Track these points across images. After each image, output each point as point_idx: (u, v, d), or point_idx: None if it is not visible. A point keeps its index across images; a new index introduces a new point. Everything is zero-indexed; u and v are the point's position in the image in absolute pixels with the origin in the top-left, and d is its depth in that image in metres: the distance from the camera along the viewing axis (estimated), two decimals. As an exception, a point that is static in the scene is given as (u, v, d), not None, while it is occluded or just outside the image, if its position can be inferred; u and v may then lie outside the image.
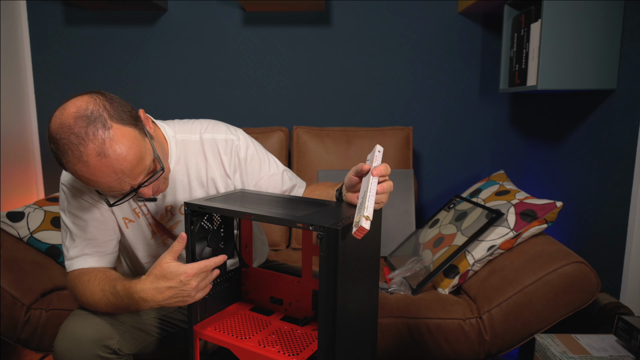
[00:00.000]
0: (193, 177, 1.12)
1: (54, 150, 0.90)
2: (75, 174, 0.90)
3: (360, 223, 0.76)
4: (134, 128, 0.92)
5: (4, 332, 1.43)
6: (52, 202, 1.78)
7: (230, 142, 1.13)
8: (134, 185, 0.92)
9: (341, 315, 0.81)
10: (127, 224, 1.12)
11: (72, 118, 0.86)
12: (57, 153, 0.89)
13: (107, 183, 0.89)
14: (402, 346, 1.39)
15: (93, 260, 1.08)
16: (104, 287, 1.01)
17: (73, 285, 1.07)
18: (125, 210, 1.11)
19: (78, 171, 0.88)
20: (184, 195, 1.13)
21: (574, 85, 1.56)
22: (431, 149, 2.21)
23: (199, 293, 0.93)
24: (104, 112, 0.88)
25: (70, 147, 0.86)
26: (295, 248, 2.00)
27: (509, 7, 1.81)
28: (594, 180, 1.65)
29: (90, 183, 0.90)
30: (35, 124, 2.18)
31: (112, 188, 0.91)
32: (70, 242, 1.09)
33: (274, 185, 1.19)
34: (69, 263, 1.09)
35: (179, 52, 2.15)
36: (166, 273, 0.90)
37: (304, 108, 2.19)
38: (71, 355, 1.00)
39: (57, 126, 0.87)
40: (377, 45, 2.13)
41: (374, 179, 0.85)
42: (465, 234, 1.57)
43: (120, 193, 0.94)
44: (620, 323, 1.23)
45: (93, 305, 1.03)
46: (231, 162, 1.13)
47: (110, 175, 0.88)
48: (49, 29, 2.13)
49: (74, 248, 1.08)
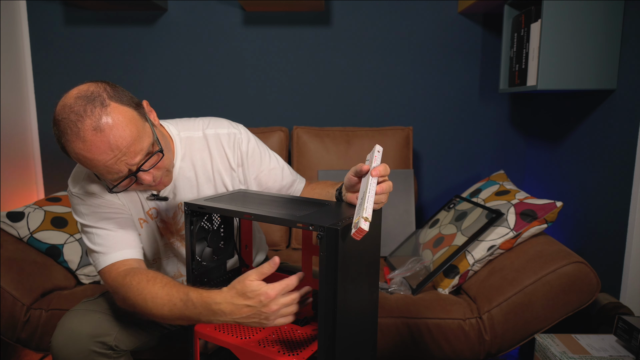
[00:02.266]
0: (200, 173, 1.12)
1: (56, 133, 0.90)
2: (74, 154, 0.90)
3: (359, 224, 0.76)
4: (132, 109, 0.93)
5: (4, 332, 1.43)
6: (52, 202, 1.78)
7: (232, 135, 1.14)
8: (131, 165, 0.92)
9: (341, 315, 0.81)
10: (142, 224, 1.12)
11: (73, 98, 0.89)
12: (58, 135, 0.90)
13: (103, 161, 0.89)
14: (402, 346, 1.39)
15: (129, 252, 1.03)
16: (171, 292, 0.92)
17: (121, 283, 0.98)
18: (139, 211, 1.10)
19: (76, 149, 0.89)
20: (192, 191, 1.13)
21: (574, 85, 1.56)
22: (431, 149, 2.21)
23: (281, 319, 0.86)
24: (104, 93, 0.91)
25: (69, 124, 0.87)
26: (295, 248, 2.00)
27: (509, 7, 1.81)
28: (594, 180, 1.65)
29: (88, 162, 0.90)
30: (35, 124, 2.18)
31: (109, 168, 0.90)
32: (99, 241, 1.03)
33: (274, 178, 1.19)
34: (104, 258, 1.02)
35: (179, 52, 2.15)
36: (247, 291, 0.84)
37: (304, 108, 2.19)
38: (67, 350, 1.00)
39: (59, 108, 0.89)
40: (377, 45, 2.13)
41: (373, 179, 0.85)
42: (465, 234, 1.57)
43: (119, 177, 0.93)
44: (620, 323, 1.23)
45: (150, 309, 0.94)
46: (235, 155, 1.14)
47: (107, 152, 0.88)
48: (49, 29, 2.12)
49: (104, 246, 1.03)
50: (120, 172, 0.92)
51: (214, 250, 1.01)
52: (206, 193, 1.14)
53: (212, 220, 1.00)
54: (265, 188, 1.20)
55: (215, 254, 1.02)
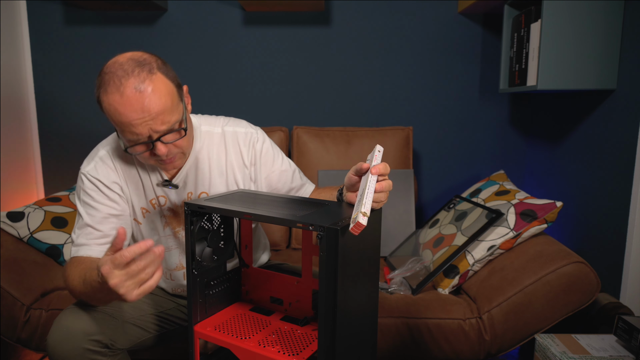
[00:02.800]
0: (214, 167, 1.16)
1: (97, 83, 0.97)
2: (107, 104, 0.95)
3: (357, 219, 0.76)
4: (174, 86, 0.99)
5: (4, 332, 1.43)
6: (52, 202, 1.78)
7: (249, 134, 1.19)
8: (154, 132, 0.96)
9: (341, 315, 0.81)
10: (144, 214, 1.15)
11: (126, 59, 0.96)
12: (99, 85, 0.96)
13: (131, 119, 0.94)
14: (402, 346, 1.39)
15: (96, 251, 1.08)
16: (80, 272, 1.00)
17: (64, 268, 1.07)
18: (142, 200, 1.14)
19: (111, 100, 0.94)
20: (204, 183, 1.16)
21: (574, 85, 1.56)
22: (431, 149, 2.21)
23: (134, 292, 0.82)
24: (154, 63, 0.97)
25: (114, 78, 0.94)
26: (295, 248, 2.00)
27: (509, 7, 1.81)
28: (594, 180, 1.65)
29: (117, 116, 0.94)
30: (35, 124, 2.18)
31: (133, 127, 0.95)
32: (80, 229, 1.10)
33: (284, 180, 1.23)
34: (74, 249, 1.09)
35: (179, 52, 2.15)
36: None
37: (304, 108, 2.20)
38: (62, 348, 1.00)
39: (110, 63, 0.96)
40: (377, 45, 2.13)
41: (372, 177, 0.85)
42: (465, 234, 1.57)
43: (138, 139, 0.97)
44: (620, 323, 1.23)
45: (71, 290, 1.03)
46: (249, 153, 1.19)
47: (137, 112, 0.93)
48: (49, 29, 2.13)
49: (82, 237, 1.09)
50: (141, 135, 0.96)
51: (214, 250, 1.01)
52: (217, 186, 1.17)
53: (212, 220, 1.00)
54: (274, 189, 1.23)
55: (215, 254, 1.02)
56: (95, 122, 2.18)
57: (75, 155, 2.20)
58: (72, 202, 1.81)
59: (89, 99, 2.17)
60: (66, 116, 2.17)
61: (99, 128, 2.18)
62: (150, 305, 1.19)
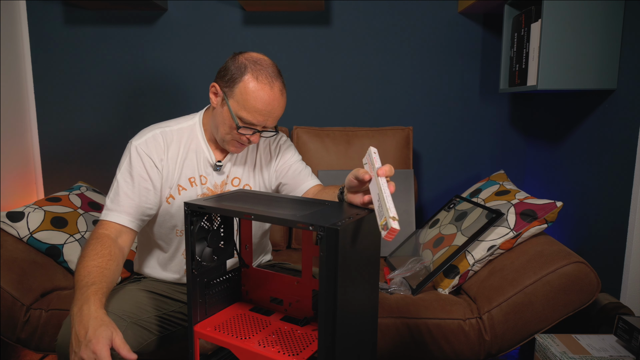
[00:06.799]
0: (249, 159, 1.32)
1: (243, 64, 1.12)
2: (254, 87, 1.11)
3: (389, 225, 0.75)
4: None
5: (4, 332, 1.43)
6: (52, 202, 1.78)
7: (278, 134, 1.35)
8: (264, 125, 1.16)
9: (341, 315, 0.81)
10: (180, 191, 1.23)
11: (270, 61, 1.16)
12: (246, 67, 1.12)
13: (263, 108, 1.13)
14: (402, 346, 1.39)
15: (123, 219, 1.16)
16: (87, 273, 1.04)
17: (92, 231, 1.15)
18: (183, 178, 1.23)
19: (261, 87, 1.12)
20: (238, 168, 1.29)
21: (574, 85, 1.56)
22: (431, 149, 2.21)
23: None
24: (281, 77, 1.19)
25: (265, 73, 1.12)
26: (295, 248, 2.00)
27: (509, 7, 1.81)
28: (594, 180, 1.65)
29: (256, 99, 1.12)
30: (35, 124, 2.18)
31: (256, 114, 1.13)
32: (115, 196, 1.18)
33: (294, 169, 1.34)
34: (104, 213, 1.17)
35: (179, 52, 2.15)
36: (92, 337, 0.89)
37: (304, 108, 2.19)
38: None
39: (258, 56, 1.15)
40: (377, 45, 2.13)
41: (381, 179, 0.84)
42: (465, 234, 1.57)
43: (251, 123, 1.15)
44: (620, 323, 1.23)
45: (77, 269, 1.07)
46: (274, 144, 1.35)
47: (269, 106, 1.13)
48: (49, 29, 2.12)
49: (114, 202, 1.17)
50: (259, 122, 1.15)
51: (214, 250, 1.01)
52: (244, 170, 1.30)
53: (212, 220, 1.00)
54: (282, 176, 1.33)
55: (215, 254, 1.02)
56: (95, 122, 2.18)
57: (75, 155, 2.20)
58: (72, 202, 1.81)
59: (89, 99, 2.17)
60: (66, 116, 2.17)
61: (98, 128, 2.18)
62: (153, 307, 1.20)
